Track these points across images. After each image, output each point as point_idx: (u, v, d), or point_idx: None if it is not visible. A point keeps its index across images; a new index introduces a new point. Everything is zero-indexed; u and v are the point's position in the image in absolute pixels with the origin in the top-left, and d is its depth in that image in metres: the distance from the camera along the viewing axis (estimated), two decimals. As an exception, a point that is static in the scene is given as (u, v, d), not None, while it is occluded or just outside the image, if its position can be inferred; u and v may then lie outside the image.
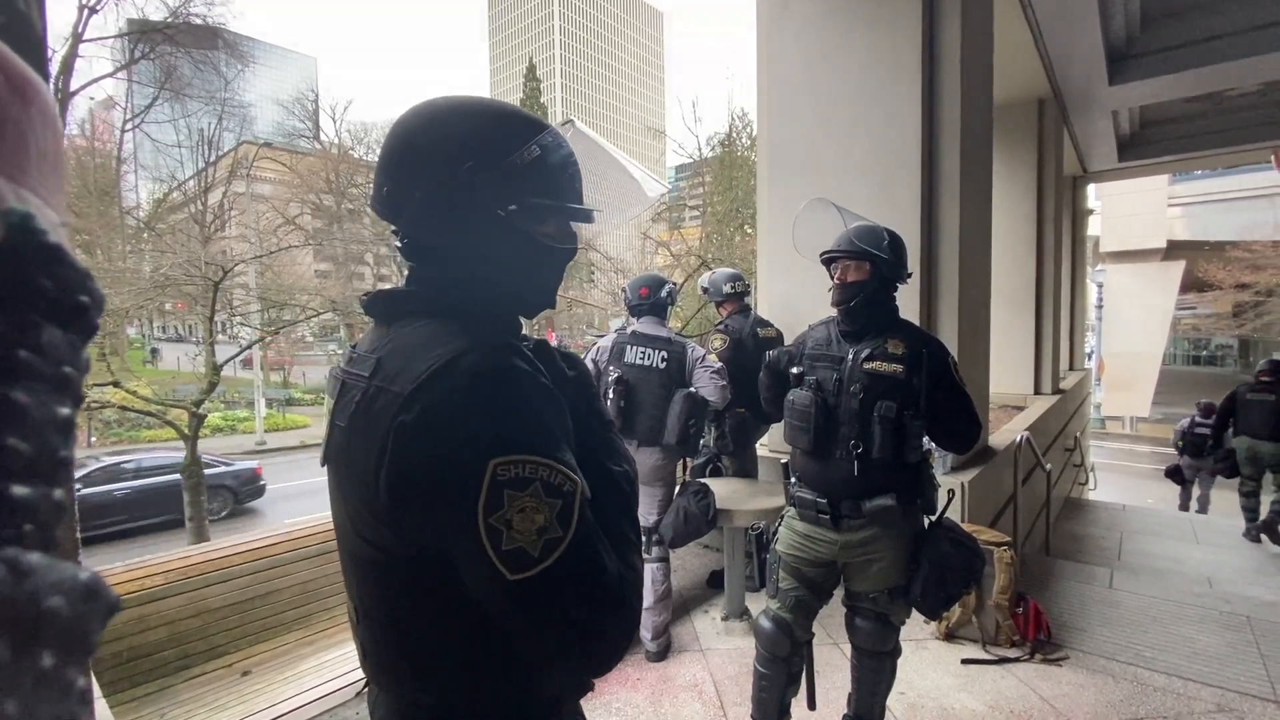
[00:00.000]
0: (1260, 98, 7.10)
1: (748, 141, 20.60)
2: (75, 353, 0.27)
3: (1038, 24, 5.00)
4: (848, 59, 3.44)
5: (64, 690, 0.24)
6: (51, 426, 0.26)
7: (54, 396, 0.26)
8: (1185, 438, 8.17)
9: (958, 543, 1.89)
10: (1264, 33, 5.28)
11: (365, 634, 0.77)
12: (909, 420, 1.82)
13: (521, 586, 0.61)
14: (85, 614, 0.24)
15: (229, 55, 19.70)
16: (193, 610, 2.22)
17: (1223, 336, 29.10)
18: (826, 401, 1.91)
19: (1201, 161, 9.67)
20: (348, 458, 0.71)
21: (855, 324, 1.93)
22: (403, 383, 0.66)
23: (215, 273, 8.93)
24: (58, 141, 0.31)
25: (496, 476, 0.61)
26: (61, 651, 0.23)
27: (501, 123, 0.75)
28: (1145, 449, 15.87)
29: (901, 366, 1.83)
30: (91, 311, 0.28)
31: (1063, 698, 2.55)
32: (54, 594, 0.23)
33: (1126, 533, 5.88)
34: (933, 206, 3.32)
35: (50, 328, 0.26)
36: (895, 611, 1.97)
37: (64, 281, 0.27)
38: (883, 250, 1.87)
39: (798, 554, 2.01)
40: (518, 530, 0.61)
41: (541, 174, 0.74)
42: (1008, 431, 4.35)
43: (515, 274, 0.79)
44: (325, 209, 24.85)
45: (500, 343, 0.70)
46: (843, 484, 1.90)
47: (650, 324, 2.89)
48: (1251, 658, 2.81)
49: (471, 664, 0.72)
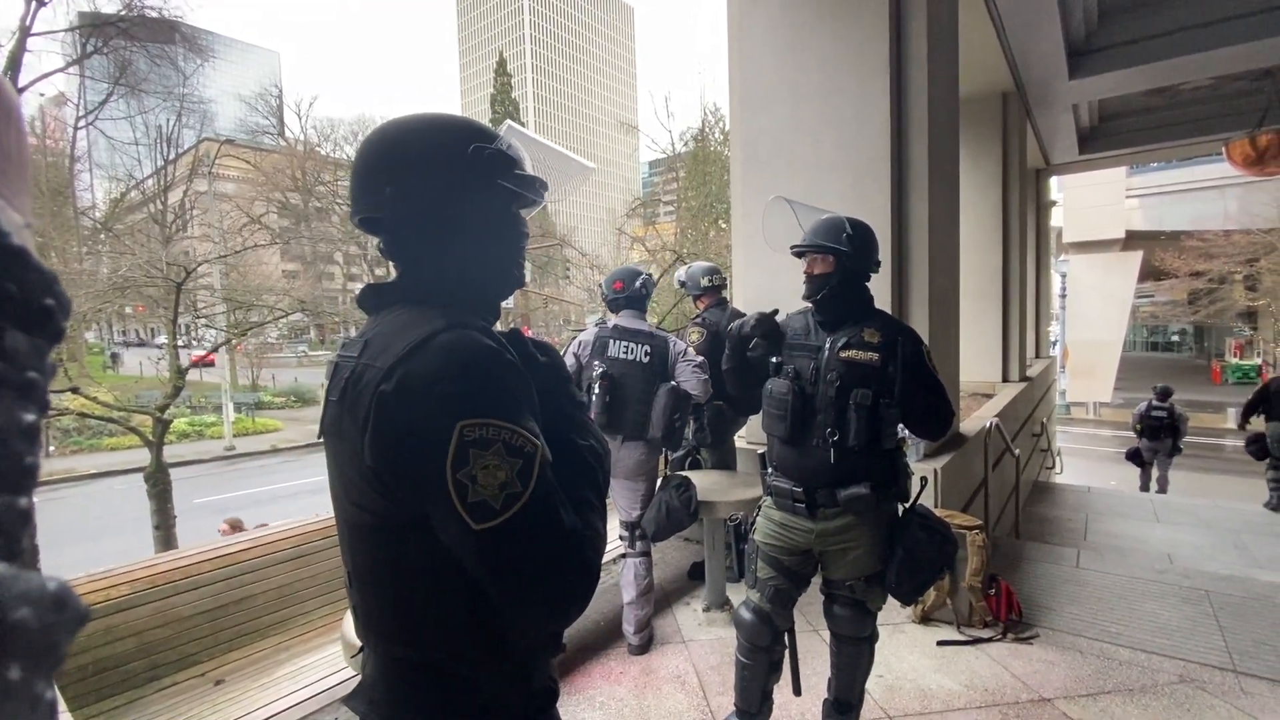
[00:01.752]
0: (1212, 92, 7.36)
1: (720, 136, 20.67)
2: (40, 357, 0.27)
3: (1000, 19, 5.10)
4: (816, 55, 3.48)
5: (31, 704, 0.23)
6: (16, 433, 0.25)
7: (19, 402, 0.25)
8: (1143, 421, 8.47)
9: (930, 529, 1.92)
10: (1215, 28, 5.48)
11: (357, 596, 0.85)
12: (884, 408, 1.85)
13: (485, 536, 0.69)
14: (53, 625, 0.23)
15: (187, 49, 19.04)
16: (161, 620, 2.15)
17: (1179, 323, 30.17)
18: (804, 390, 1.93)
19: (1157, 154, 9.99)
20: (339, 429, 0.79)
21: (828, 314, 1.96)
22: (385, 359, 0.75)
23: (177, 274, 8.65)
24: (21, 139, 0.30)
25: (463, 437, 0.69)
26: (29, 664, 0.22)
27: (468, 126, 0.87)
28: (1108, 433, 16.40)
29: (877, 355, 1.86)
30: (57, 315, 0.27)
31: (1034, 674, 2.63)
32: (21, 605, 0.22)
33: (1092, 514, 6.08)
34: (902, 199, 3.38)
35: (14, 332, 0.26)
36: (871, 598, 1.99)
37: (28, 285, 0.26)
38: (842, 243, 1.90)
39: (775, 543, 2.03)
40: (481, 484, 0.68)
41: (508, 162, 0.86)
42: (977, 419, 4.46)
43: (489, 257, 0.89)
44: (292, 207, 24.27)
45: (472, 324, 0.78)
46: (819, 472, 1.92)
47: (630, 317, 2.87)
48: (1210, 630, 2.93)
49: (451, 619, 0.79)
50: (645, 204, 24.05)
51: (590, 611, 2.99)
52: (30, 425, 0.26)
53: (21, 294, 0.26)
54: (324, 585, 2.56)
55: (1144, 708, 2.41)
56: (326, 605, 2.55)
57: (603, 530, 0.82)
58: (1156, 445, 8.38)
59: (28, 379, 0.26)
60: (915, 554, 1.89)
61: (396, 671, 0.82)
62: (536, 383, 0.81)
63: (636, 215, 23.03)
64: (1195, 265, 19.51)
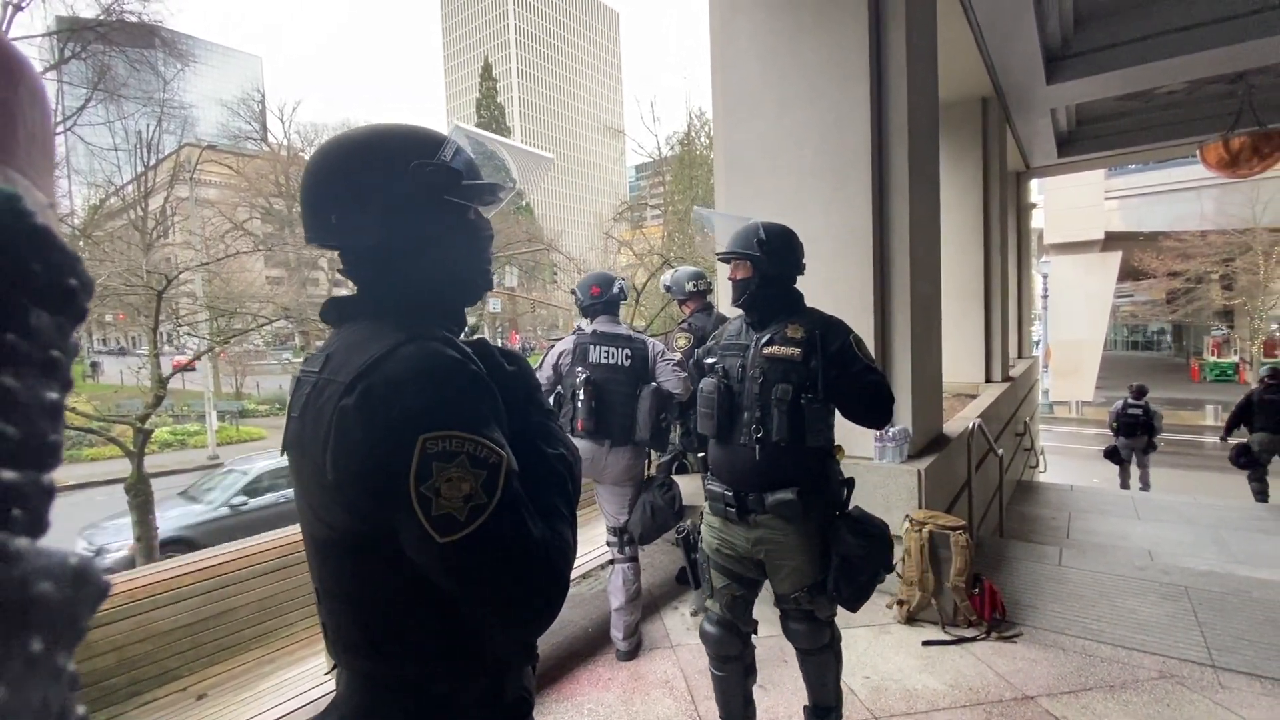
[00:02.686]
0: (1186, 96, 7.51)
1: (706, 141, 20.75)
2: (63, 337, 0.27)
3: (979, 26, 5.18)
4: (798, 62, 3.51)
5: (53, 675, 0.24)
6: (40, 410, 0.26)
7: (42, 381, 0.26)
8: (1119, 419, 8.61)
9: (859, 532, 1.90)
10: (1188, 34, 5.59)
11: (327, 613, 0.84)
12: (806, 403, 1.85)
13: (451, 549, 0.68)
14: (74, 599, 0.24)
15: (167, 54, 18.81)
16: (142, 634, 2.12)
17: (1158, 322, 30.68)
18: (730, 387, 1.96)
19: (1134, 156, 10.17)
20: (302, 445, 0.79)
21: (754, 315, 2.01)
22: (346, 373, 0.74)
23: (158, 281, 8.53)
24: (46, 122, 0.31)
25: (426, 450, 0.68)
26: (50, 637, 0.23)
27: (417, 135, 0.85)
28: (1090, 431, 16.62)
29: (798, 350, 1.88)
30: (80, 295, 0.28)
31: (1018, 673, 2.66)
32: (43, 579, 0.23)
33: (1074, 512, 6.16)
34: (884, 203, 3.42)
35: (38, 311, 0.26)
36: (819, 607, 1.97)
37: (52, 265, 0.27)
38: (754, 249, 1.94)
39: (720, 549, 2.02)
40: (445, 498, 0.68)
41: (452, 175, 0.84)
42: (961, 419, 4.50)
43: (447, 268, 0.88)
44: (276, 213, 24.02)
45: (434, 335, 0.77)
46: (746, 473, 1.92)
47: (608, 322, 2.87)
48: (1189, 625, 2.98)
49: (421, 633, 0.78)
50: (632, 208, 24.07)
51: (578, 617, 2.99)
52: (53, 403, 0.27)
53: (45, 273, 0.26)
54: (307, 597, 2.53)
55: (1125, 704, 2.45)
56: (310, 617, 2.53)
57: (572, 539, 0.82)
58: (1133, 443, 8.52)
59: (51, 358, 0.27)
60: (846, 558, 1.87)
61: (367, 688, 0.81)
62: (503, 392, 0.80)
63: (624, 219, 23.04)
64: (1173, 265, 19.87)
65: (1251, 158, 6.21)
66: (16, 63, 0.29)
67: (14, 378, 0.25)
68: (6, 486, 0.24)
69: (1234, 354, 25.72)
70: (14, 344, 0.25)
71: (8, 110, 0.28)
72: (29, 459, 0.25)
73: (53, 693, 0.24)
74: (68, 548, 0.25)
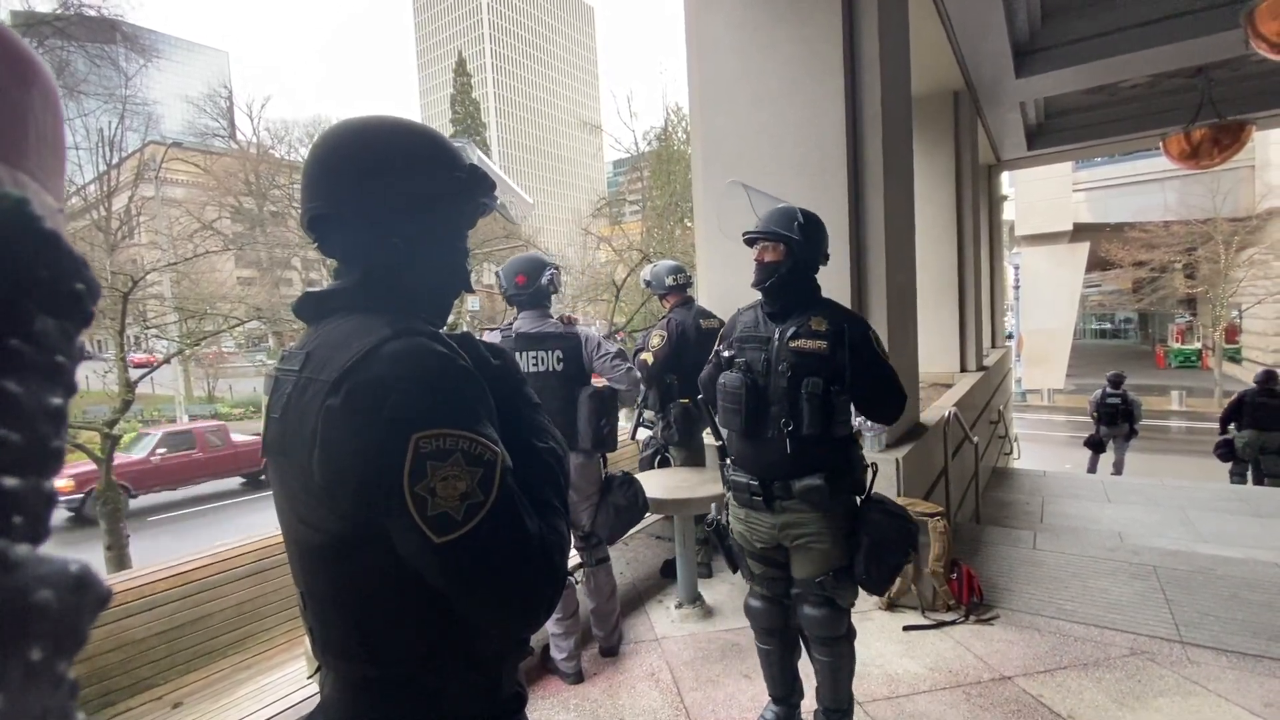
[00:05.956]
0: (1149, 89, 7.69)
1: (684, 136, 20.75)
2: (68, 342, 0.27)
3: (950, 19, 5.25)
4: (773, 56, 3.52)
5: (53, 683, 0.24)
6: (43, 416, 0.26)
7: (46, 386, 0.26)
8: (1099, 408, 8.82)
9: (890, 514, 1.95)
10: (1152, 28, 5.73)
11: (313, 617, 0.81)
12: (835, 395, 1.88)
13: (447, 549, 0.67)
14: (75, 607, 0.24)
15: (129, 49, 18.28)
16: (114, 643, 2.07)
17: (1125, 310, 31.48)
18: (756, 382, 1.95)
19: (1100, 149, 10.41)
20: (283, 447, 0.76)
21: (776, 304, 1.99)
22: (330, 371, 0.71)
23: (124, 283, 8.29)
24: (59, 125, 0.31)
25: (419, 449, 0.66)
26: (50, 645, 0.23)
27: (423, 131, 0.86)
28: (1061, 418, 17.03)
29: (825, 343, 1.88)
30: (86, 300, 0.28)
31: (995, 654, 2.72)
32: (43, 587, 0.23)
33: (1048, 496, 6.30)
34: (859, 196, 3.45)
35: (43, 316, 0.26)
36: (842, 593, 1.98)
37: (59, 270, 0.26)
38: (794, 232, 1.93)
39: (749, 537, 2.06)
40: (441, 497, 0.66)
41: (490, 183, 0.88)
42: (937, 408, 4.58)
43: (445, 262, 0.88)
44: (246, 212, 23.48)
45: (420, 330, 0.76)
46: (775, 464, 1.94)
47: (533, 319, 2.54)
48: (1158, 603, 3.07)
49: (415, 633, 0.76)
50: (611, 203, 23.99)
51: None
52: (57, 409, 0.26)
53: (52, 278, 0.26)
54: (284, 601, 2.49)
55: (1098, 680, 2.51)
56: (288, 621, 2.49)
57: (566, 531, 0.81)
58: (1114, 430, 8.75)
59: (55, 363, 0.26)
60: (880, 539, 1.91)
61: (356, 690, 0.79)
62: (491, 386, 0.78)
63: (602, 215, 22.97)
64: (1138, 255, 20.37)
65: (1212, 149, 6.38)
66: (30, 64, 0.28)
67: (18, 383, 0.25)
68: (7, 493, 0.24)
69: (1197, 340, 26.52)
70: (18, 349, 0.25)
71: (19, 112, 0.28)
72: (31, 465, 0.25)
73: (52, 702, 0.24)
74: (69, 555, 0.25)
